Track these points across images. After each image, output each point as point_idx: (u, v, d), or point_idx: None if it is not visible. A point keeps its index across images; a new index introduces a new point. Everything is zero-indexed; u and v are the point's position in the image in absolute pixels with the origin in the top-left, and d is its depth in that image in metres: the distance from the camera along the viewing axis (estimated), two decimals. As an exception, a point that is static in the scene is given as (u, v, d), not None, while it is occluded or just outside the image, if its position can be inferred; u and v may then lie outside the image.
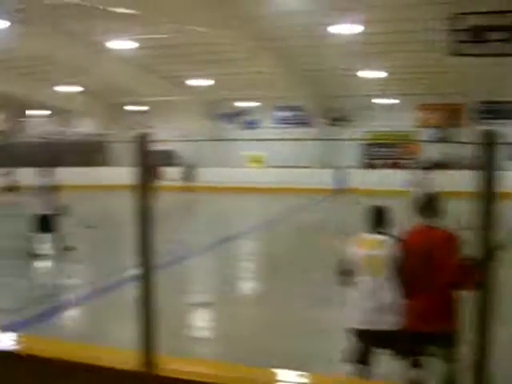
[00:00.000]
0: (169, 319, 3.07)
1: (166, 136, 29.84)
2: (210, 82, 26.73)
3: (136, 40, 19.55)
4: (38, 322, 7.67)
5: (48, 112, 35.04)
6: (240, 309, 8.61)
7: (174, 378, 2.92)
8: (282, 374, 3.08)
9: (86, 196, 23.02)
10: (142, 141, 2.78)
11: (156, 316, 2.99)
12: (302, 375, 2.99)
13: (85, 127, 35.78)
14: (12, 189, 22.62)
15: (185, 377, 2.89)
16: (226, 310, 8.32)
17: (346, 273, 4.93)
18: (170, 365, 3.05)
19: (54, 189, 11.87)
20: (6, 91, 28.98)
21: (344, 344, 4.91)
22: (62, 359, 3.24)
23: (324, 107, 31.42)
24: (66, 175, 22.60)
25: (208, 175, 28.19)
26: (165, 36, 20.21)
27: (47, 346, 3.50)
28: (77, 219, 12.70)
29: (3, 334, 3.85)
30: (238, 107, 33.46)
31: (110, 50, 21.19)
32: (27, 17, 17.75)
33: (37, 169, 12.26)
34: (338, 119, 31.71)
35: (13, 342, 3.63)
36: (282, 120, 33.41)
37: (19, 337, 3.89)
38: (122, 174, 28.42)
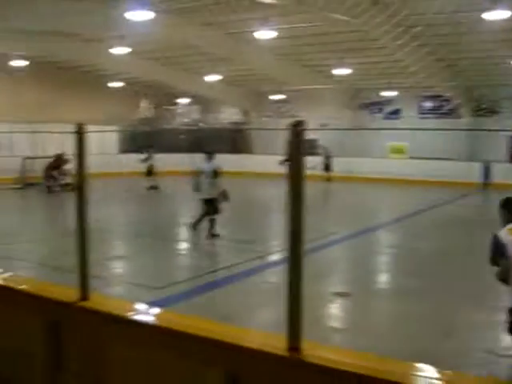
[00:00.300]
0: (307, 307, 3.08)
1: (308, 125, 29.89)
2: (353, 71, 26.39)
3: (278, 30, 19.72)
4: (183, 300, 8.02)
5: (193, 100, 36.36)
6: (378, 301, 8.51)
7: (318, 364, 2.93)
8: (420, 368, 3.01)
9: (232, 183, 23.68)
10: (296, 129, 2.81)
11: (302, 301, 3.02)
12: (439, 371, 2.92)
13: (228, 115, 36.75)
14: (150, 173, 23.79)
15: (329, 364, 2.90)
16: (364, 302, 8.26)
17: (502, 263, 4.78)
18: (313, 351, 3.07)
19: (216, 174, 12.40)
20: (153, 80, 30.47)
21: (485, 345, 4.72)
22: (206, 337, 3.36)
23: (471, 97, 30.03)
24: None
25: (349, 165, 27.99)
26: (306, 25, 20.28)
27: (192, 323, 3.63)
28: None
29: (150, 309, 4.08)
30: (380, 97, 32.81)
31: (254, 40, 21.57)
32: (173, 7, 18.52)
33: (201, 155, 12.85)
34: (485, 110, 30.17)
35: (158, 317, 3.82)
36: (426, 110, 32.31)
37: (164, 313, 4.10)
38: (265, 161, 28.87)
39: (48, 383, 4.29)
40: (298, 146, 2.82)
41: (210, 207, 12.35)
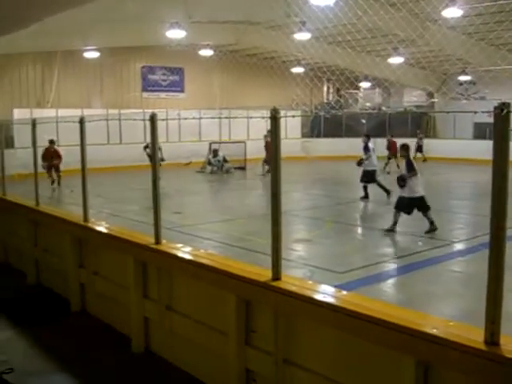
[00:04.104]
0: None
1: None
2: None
3: (465, 8, 18.80)
4: (365, 285, 7.99)
5: (375, 83, 35.85)
6: None
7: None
8: None
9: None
10: (503, 112, 2.66)
11: (502, 290, 2.88)
12: None
13: (411, 98, 35.78)
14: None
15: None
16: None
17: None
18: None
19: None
20: (335, 64, 30.43)
21: None
22: (397, 323, 3.32)
23: None
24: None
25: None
26: (495, 3, 19.10)
27: (382, 309, 3.61)
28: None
29: (339, 291, 4.11)
30: None
31: (439, 20, 20.77)
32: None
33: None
34: None
35: (348, 300, 3.83)
36: None
37: (354, 296, 4.11)
38: (452, 146, 27.30)
39: (240, 357, 4.51)
40: (504, 130, 2.66)
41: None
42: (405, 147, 11.50)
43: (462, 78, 32.94)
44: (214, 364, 4.99)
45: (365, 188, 16.05)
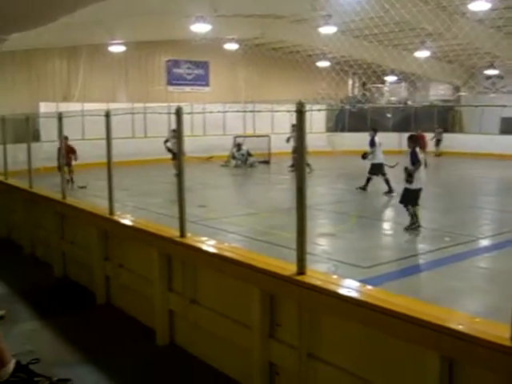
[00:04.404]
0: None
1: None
2: None
3: (493, 0, 18.54)
4: (389, 280, 7.95)
5: (401, 78, 35.54)
6: None
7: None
8: None
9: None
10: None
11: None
12: None
13: (438, 92, 35.40)
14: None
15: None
16: None
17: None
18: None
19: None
20: (361, 58, 30.24)
21: None
22: (422, 319, 3.29)
23: None
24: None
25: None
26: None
27: (406, 304, 3.58)
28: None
29: (364, 286, 4.08)
30: None
31: (467, 13, 20.51)
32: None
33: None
34: None
35: (373, 295, 3.80)
36: None
37: (378, 291, 4.07)
38: (478, 140, 27.13)
39: (264, 351, 4.51)
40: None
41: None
42: (413, 138, 11.50)
43: (490, 71, 32.51)
44: (237, 357, 5.00)
45: (368, 180, 16.77)
